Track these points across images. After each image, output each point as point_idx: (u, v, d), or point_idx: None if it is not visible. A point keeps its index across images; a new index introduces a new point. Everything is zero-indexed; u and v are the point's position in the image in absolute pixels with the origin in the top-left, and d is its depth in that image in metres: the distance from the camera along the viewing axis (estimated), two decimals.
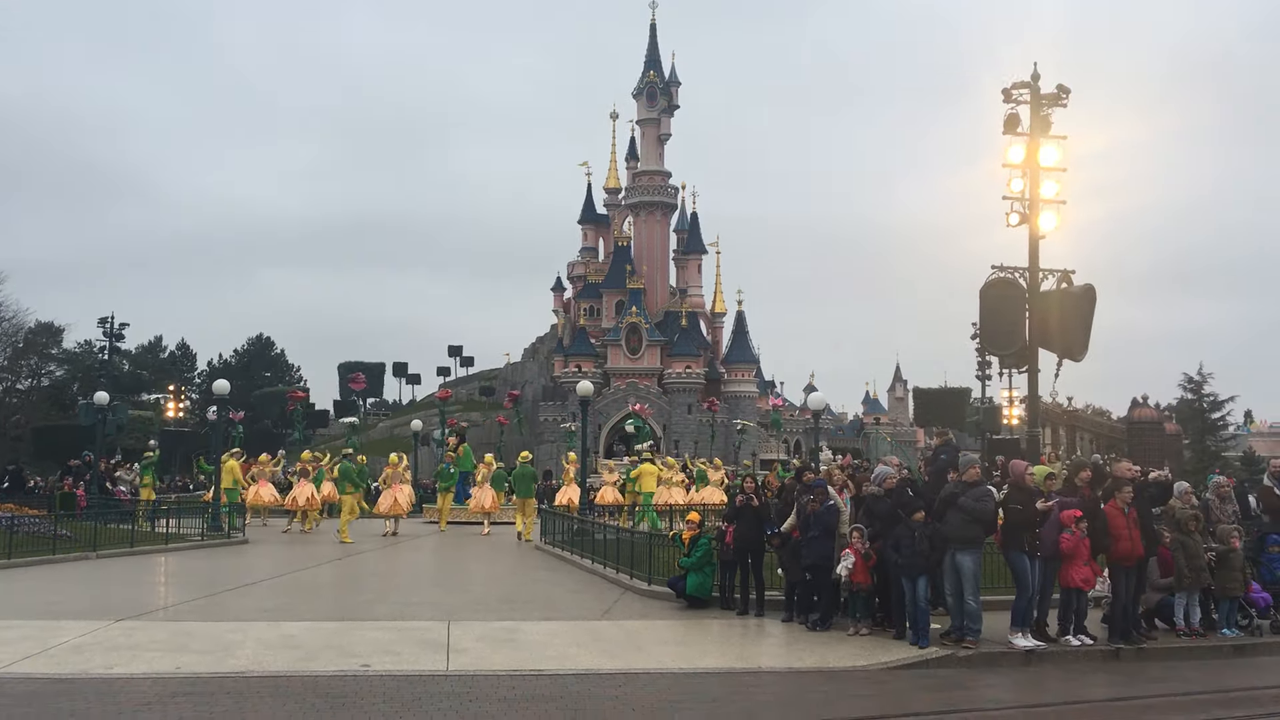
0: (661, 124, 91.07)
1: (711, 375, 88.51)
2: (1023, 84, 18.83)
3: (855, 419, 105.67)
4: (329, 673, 10.58)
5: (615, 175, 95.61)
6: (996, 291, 19.27)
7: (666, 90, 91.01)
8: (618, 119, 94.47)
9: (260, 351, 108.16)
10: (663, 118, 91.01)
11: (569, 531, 23.58)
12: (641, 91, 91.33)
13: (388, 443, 70.91)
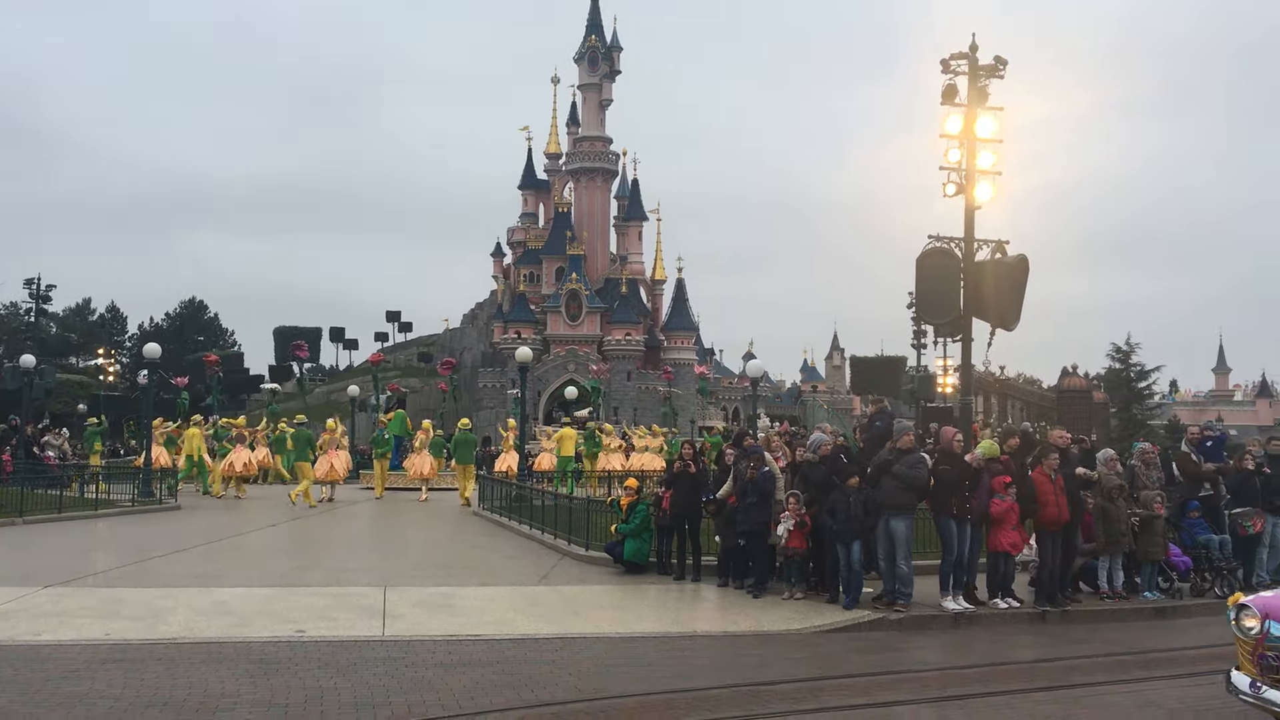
0: (603, 89, 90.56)
1: (651, 343, 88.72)
2: (961, 55, 18.97)
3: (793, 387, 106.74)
4: (262, 638, 10.50)
5: (556, 140, 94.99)
6: (932, 261, 19.46)
7: (608, 55, 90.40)
8: (559, 83, 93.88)
9: (193, 315, 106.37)
10: (604, 83, 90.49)
11: (507, 498, 23.56)
12: (583, 56, 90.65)
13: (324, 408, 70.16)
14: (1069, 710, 8.40)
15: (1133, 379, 62.61)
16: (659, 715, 7.90)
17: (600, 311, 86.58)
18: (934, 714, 8.14)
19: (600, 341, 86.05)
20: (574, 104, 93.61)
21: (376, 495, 29.30)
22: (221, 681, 8.71)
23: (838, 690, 8.94)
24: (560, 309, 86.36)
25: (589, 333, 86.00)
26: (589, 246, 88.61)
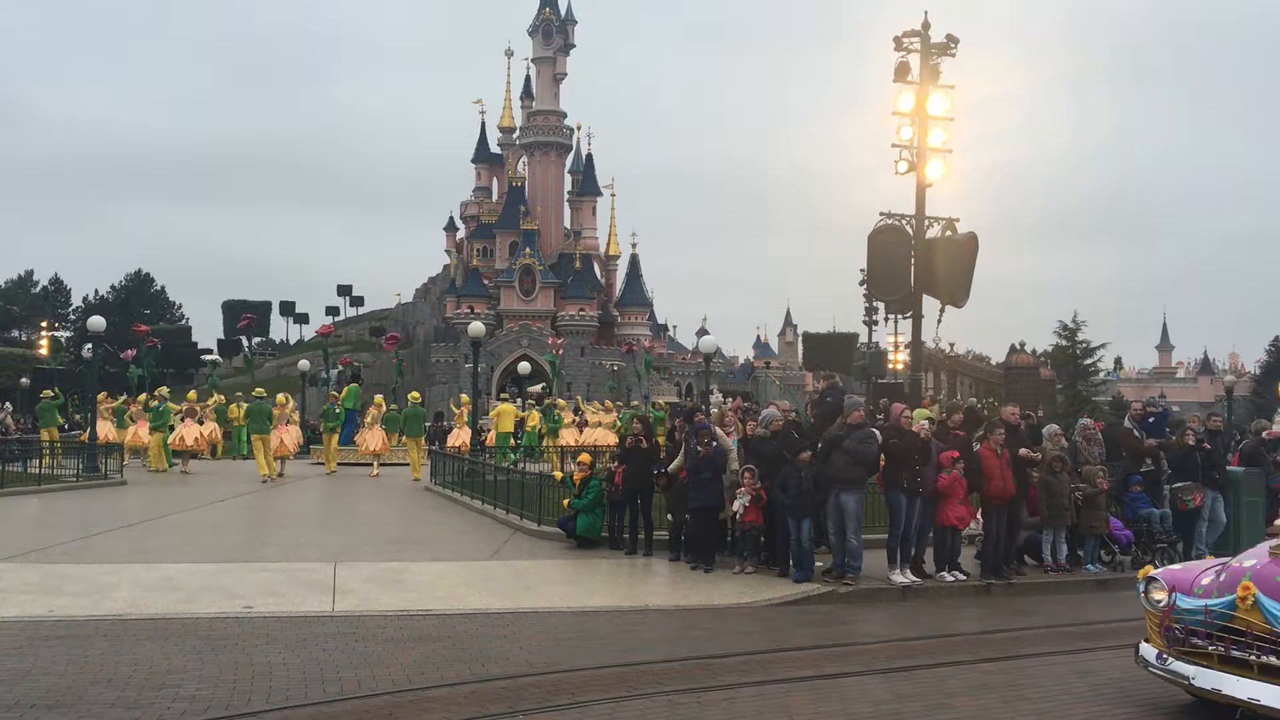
0: (557, 63, 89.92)
1: (605, 318, 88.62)
2: (913, 32, 19.09)
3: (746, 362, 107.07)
4: (210, 614, 10.41)
5: (510, 114, 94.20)
6: (884, 238, 19.64)
7: (563, 29, 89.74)
8: (513, 56, 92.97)
9: (139, 288, 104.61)
10: (559, 56, 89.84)
11: (459, 473, 23.50)
12: (537, 29, 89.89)
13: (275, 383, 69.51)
14: (1013, 680, 8.55)
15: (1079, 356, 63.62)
16: (610, 688, 7.94)
17: (554, 287, 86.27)
18: (881, 685, 8.24)
19: (554, 317, 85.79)
20: (528, 77, 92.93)
21: (328, 470, 29.06)
22: (168, 658, 8.63)
23: (786, 662, 9.03)
24: (514, 284, 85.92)
25: (543, 308, 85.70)
26: (543, 221, 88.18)
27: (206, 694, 7.61)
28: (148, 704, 7.32)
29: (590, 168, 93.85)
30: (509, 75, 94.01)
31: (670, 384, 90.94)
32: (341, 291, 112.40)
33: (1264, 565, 7.05)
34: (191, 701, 7.41)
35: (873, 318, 44.92)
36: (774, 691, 7.98)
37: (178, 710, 7.22)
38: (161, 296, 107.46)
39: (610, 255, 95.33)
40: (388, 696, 7.66)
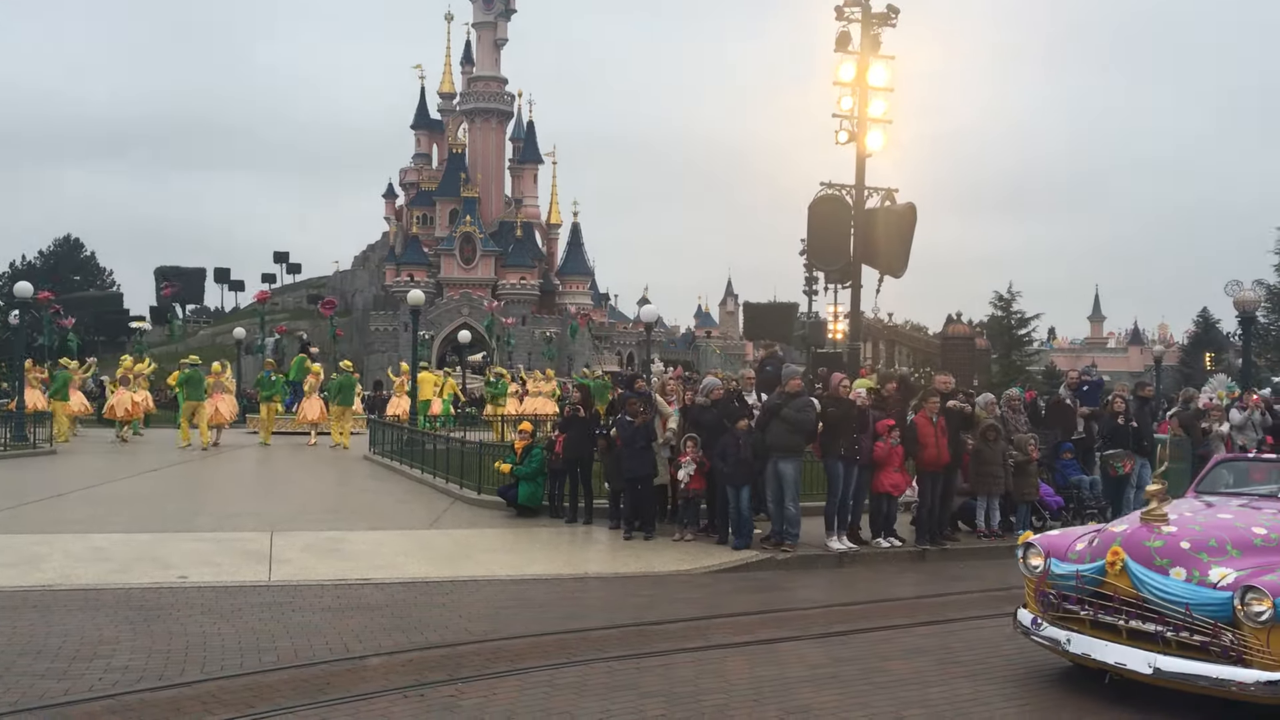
0: (498, 28, 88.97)
1: (546, 287, 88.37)
2: (854, 2, 19.12)
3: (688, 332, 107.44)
4: (143, 585, 10.26)
5: (450, 80, 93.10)
6: (824, 208, 19.76)
7: None
8: (453, 20, 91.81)
9: (69, 254, 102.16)
10: (499, 21, 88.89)
11: (399, 441, 23.35)
12: None
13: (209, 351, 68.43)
14: (945, 643, 8.71)
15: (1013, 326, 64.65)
16: (550, 655, 7.97)
17: (495, 255, 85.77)
18: (818, 649, 8.36)
19: (495, 285, 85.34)
20: (468, 42, 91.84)
21: (262, 441, 28.64)
22: (99, 628, 8.50)
23: (725, 628, 9.12)
24: (454, 252, 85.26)
25: (483, 276, 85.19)
26: (483, 189, 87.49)
27: (139, 664, 7.51)
28: (78, 675, 7.21)
29: (531, 135, 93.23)
30: (449, 40, 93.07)
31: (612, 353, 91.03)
32: (278, 259, 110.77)
33: (1134, 530, 7.11)
34: (124, 672, 7.31)
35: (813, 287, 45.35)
36: (712, 657, 8.06)
37: (110, 681, 7.12)
38: (92, 262, 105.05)
39: (551, 224, 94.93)
40: (325, 665, 7.61)
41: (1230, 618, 6.34)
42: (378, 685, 7.10)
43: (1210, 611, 6.44)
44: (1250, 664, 6.26)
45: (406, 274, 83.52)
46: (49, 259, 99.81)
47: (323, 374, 31.26)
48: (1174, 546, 6.80)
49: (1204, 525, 7.17)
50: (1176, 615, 6.55)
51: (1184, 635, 6.51)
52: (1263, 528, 7.09)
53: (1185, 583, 6.58)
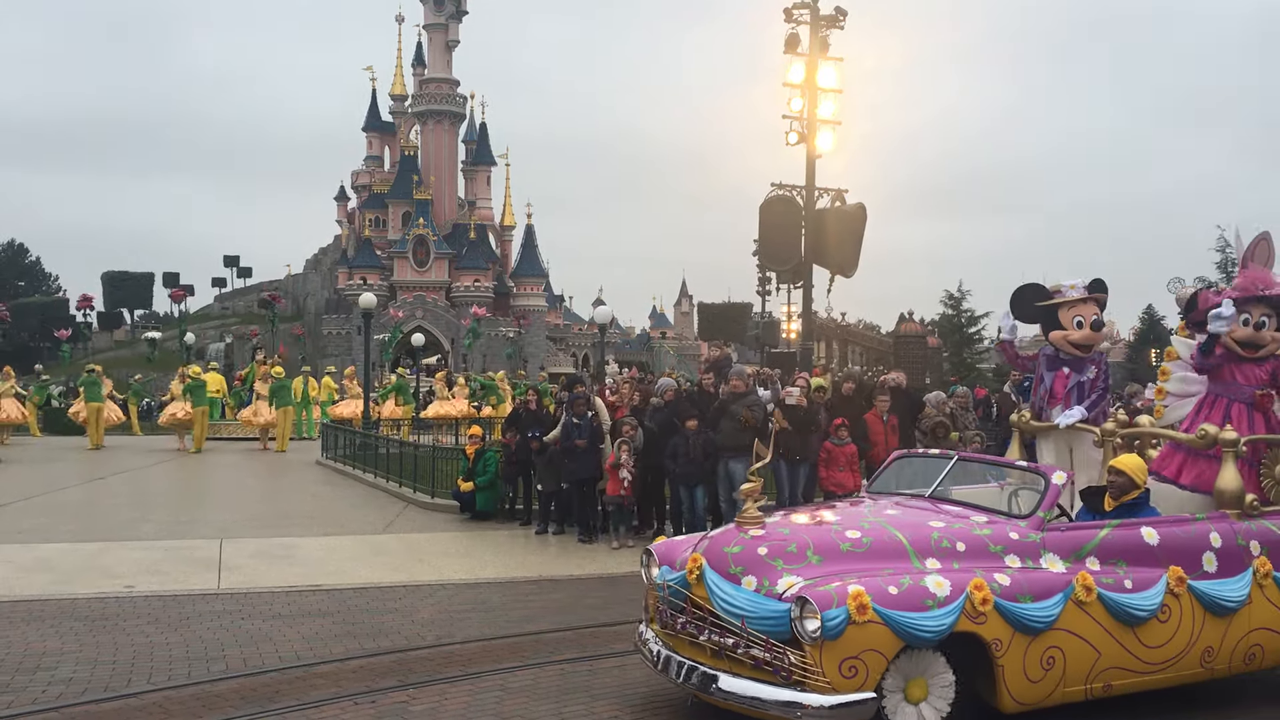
0: (450, 30, 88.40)
1: (501, 289, 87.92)
2: (803, 4, 19.26)
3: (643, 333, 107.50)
4: (88, 595, 10.10)
5: (402, 82, 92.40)
6: (775, 209, 19.88)
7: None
8: (404, 22, 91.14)
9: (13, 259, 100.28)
10: (451, 23, 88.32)
11: (351, 446, 23.16)
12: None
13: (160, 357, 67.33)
14: None
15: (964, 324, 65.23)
16: (502, 659, 7.95)
17: (448, 257, 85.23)
18: None
19: (449, 288, 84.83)
20: (420, 44, 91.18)
21: (194, 449, 27.80)
22: (44, 640, 8.36)
23: None
24: (407, 255, 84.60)
25: (437, 279, 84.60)
26: (436, 191, 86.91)
27: (84, 676, 7.41)
28: (21, 688, 7.10)
29: (484, 137, 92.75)
30: (400, 42, 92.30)
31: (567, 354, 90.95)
32: (229, 262, 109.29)
33: (720, 534, 6.55)
34: (68, 684, 7.21)
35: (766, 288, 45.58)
36: None
37: (54, 693, 7.01)
38: (37, 267, 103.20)
39: (505, 225, 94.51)
40: (274, 674, 7.55)
41: (789, 633, 5.69)
42: (328, 692, 7.05)
43: (768, 626, 5.77)
44: (808, 686, 5.57)
45: (359, 277, 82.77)
46: None
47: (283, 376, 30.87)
48: (751, 553, 6.13)
49: (794, 528, 6.45)
50: (735, 629, 5.90)
51: (757, 653, 5.80)
52: (859, 530, 6.29)
53: (754, 593, 5.93)
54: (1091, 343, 7.96)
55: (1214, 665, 6.69)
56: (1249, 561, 6.86)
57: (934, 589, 5.80)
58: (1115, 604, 6.26)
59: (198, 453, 26.86)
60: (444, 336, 79.30)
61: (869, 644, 5.59)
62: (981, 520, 6.54)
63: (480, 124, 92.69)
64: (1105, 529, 6.62)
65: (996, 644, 5.89)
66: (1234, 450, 7.15)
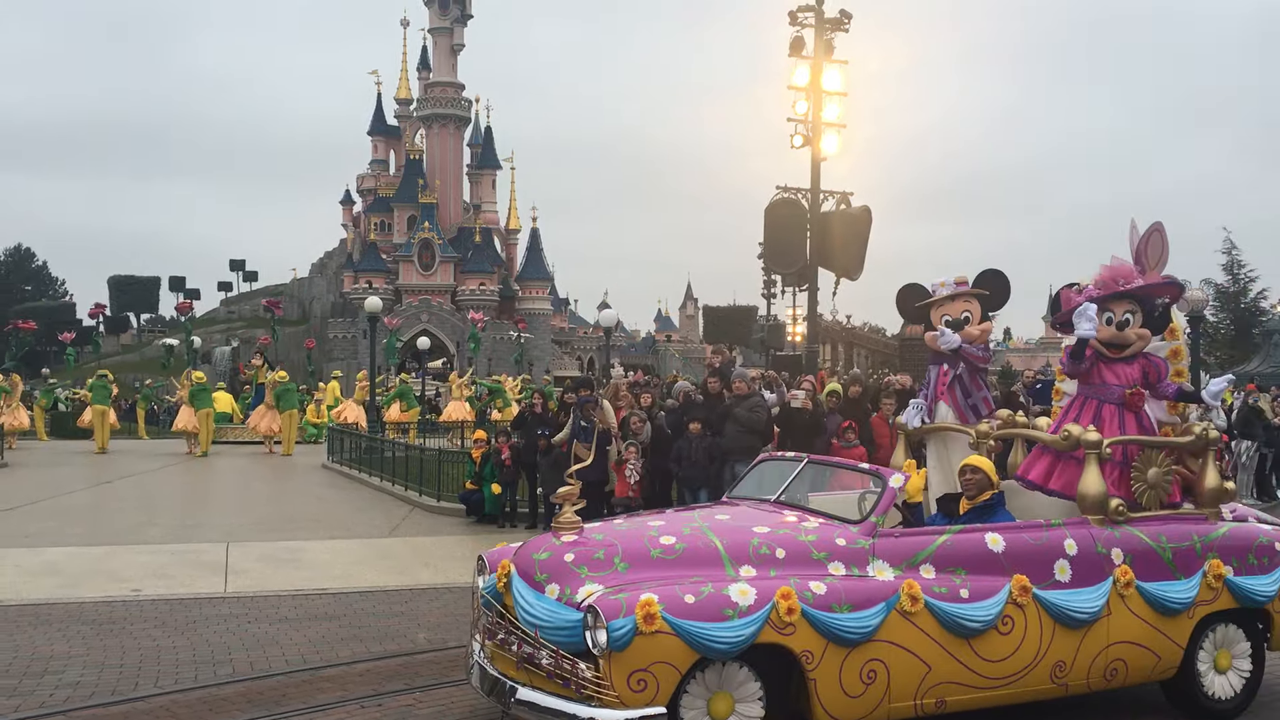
0: (455, 33, 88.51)
1: (506, 293, 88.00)
2: (808, 7, 19.25)
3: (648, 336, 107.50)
4: (95, 599, 10.12)
5: (407, 86, 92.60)
6: (780, 212, 19.86)
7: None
8: (409, 26, 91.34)
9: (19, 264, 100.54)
10: (456, 27, 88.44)
11: (357, 449, 23.19)
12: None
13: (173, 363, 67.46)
14: None
15: None
16: None
17: (454, 261, 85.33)
18: None
19: (454, 292, 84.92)
20: (425, 48, 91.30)
21: (200, 452, 27.83)
22: (51, 644, 8.38)
23: None
24: (413, 258, 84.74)
25: (442, 282, 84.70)
26: (442, 195, 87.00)
27: (91, 680, 7.43)
28: (29, 691, 7.11)
29: (489, 140, 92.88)
30: (405, 46, 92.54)
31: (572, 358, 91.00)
32: (235, 266, 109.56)
33: (533, 541, 6.32)
34: (75, 688, 7.23)
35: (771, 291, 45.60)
36: None
37: (61, 697, 7.03)
38: (44, 272, 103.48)
39: (510, 229, 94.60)
40: (281, 677, 7.56)
41: (581, 644, 5.39)
42: (335, 696, 7.06)
43: (562, 637, 5.48)
44: (601, 700, 5.27)
45: (365, 281, 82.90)
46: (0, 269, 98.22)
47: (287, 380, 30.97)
48: (558, 559, 5.87)
49: (610, 534, 6.20)
50: (530, 639, 5.63)
51: (550, 664, 5.49)
52: (674, 536, 5.99)
53: (555, 601, 5.62)
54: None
55: (1068, 681, 6.28)
56: (1109, 571, 6.43)
57: (737, 598, 5.44)
58: (945, 614, 5.87)
59: (204, 456, 26.97)
60: (449, 340, 79.38)
61: (659, 656, 5.27)
62: (812, 526, 6.19)
63: (485, 127, 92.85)
64: (944, 535, 6.23)
65: (807, 656, 5.52)
66: (1097, 452, 6.72)
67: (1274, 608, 6.98)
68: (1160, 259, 7.54)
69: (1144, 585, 6.49)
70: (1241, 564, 6.84)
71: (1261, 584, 6.87)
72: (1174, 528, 6.81)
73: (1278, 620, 7.02)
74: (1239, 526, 7.10)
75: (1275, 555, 7.01)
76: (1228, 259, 56.69)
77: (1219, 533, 6.92)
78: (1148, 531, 6.69)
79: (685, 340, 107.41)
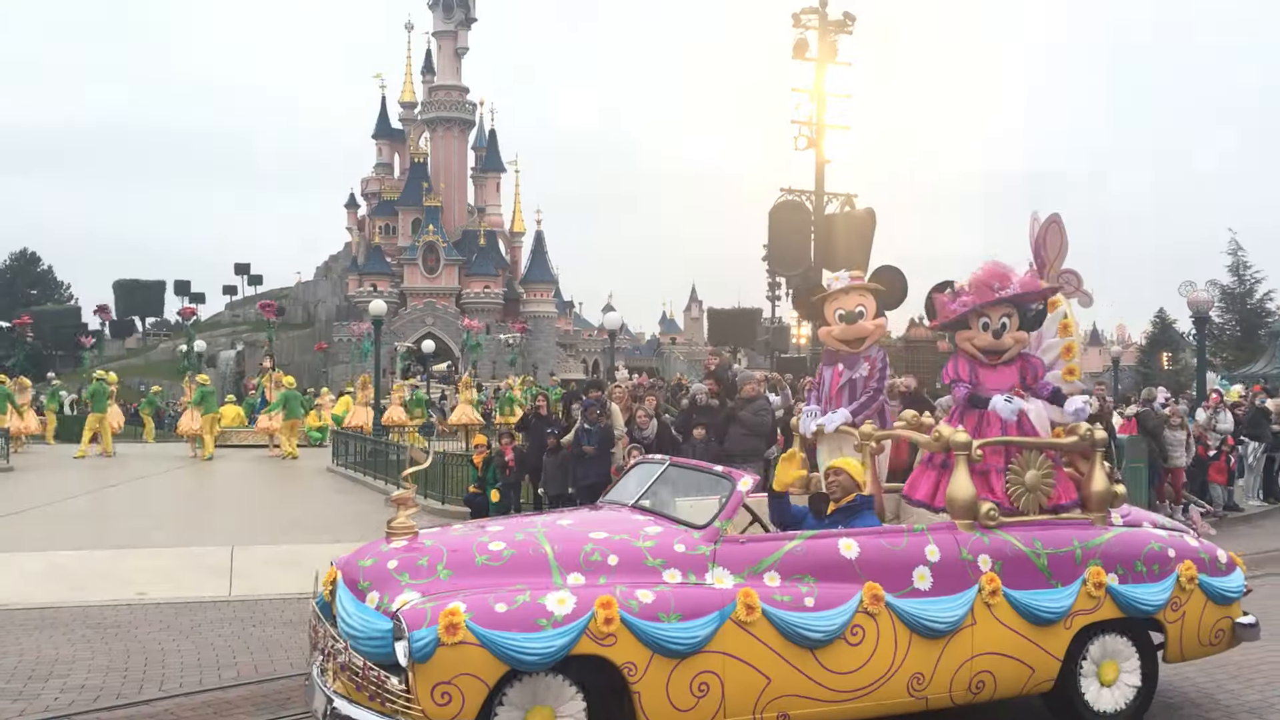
0: (459, 37, 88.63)
1: (510, 295, 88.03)
2: (811, 10, 19.26)
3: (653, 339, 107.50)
4: (101, 602, 10.13)
5: (411, 89, 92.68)
6: (784, 214, 19.87)
7: (464, 2, 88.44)
8: (413, 30, 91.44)
9: (25, 268, 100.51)
10: (460, 30, 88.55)
11: (362, 453, 23.20)
12: (438, 2, 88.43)
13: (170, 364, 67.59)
14: None
15: None
16: None
17: (458, 264, 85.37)
18: None
19: (459, 294, 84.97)
20: (429, 51, 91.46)
21: (204, 456, 27.86)
22: (56, 647, 8.39)
23: None
24: (417, 261, 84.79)
25: (447, 285, 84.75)
26: (446, 198, 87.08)
27: (96, 683, 7.44)
28: (34, 695, 7.12)
29: (493, 143, 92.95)
30: (409, 49, 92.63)
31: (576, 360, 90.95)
32: (239, 270, 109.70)
33: (364, 547, 6.11)
34: (80, 691, 7.24)
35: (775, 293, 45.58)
36: None
37: (66, 700, 7.04)
38: (49, 276, 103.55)
39: (515, 231, 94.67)
40: (286, 680, 7.57)
41: (393, 655, 5.19)
42: None
43: (373, 647, 5.27)
44: (409, 716, 5.05)
45: (369, 284, 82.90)
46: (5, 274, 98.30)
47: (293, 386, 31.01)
48: (381, 566, 5.64)
49: (442, 540, 5.97)
50: (340, 651, 5.46)
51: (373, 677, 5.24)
52: (504, 543, 5.76)
53: (373, 610, 5.39)
54: (850, 337, 7.49)
55: (927, 694, 5.98)
56: (974, 578, 6.11)
57: (553, 607, 5.21)
58: (785, 624, 5.59)
59: (210, 459, 27.00)
60: (454, 343, 79.40)
61: (464, 668, 5.04)
62: (654, 532, 5.93)
63: (490, 130, 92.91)
64: (794, 540, 5.95)
65: (630, 668, 5.28)
66: (967, 454, 6.41)
67: (1167, 618, 6.61)
68: (1060, 251, 7.38)
69: (1013, 593, 6.17)
70: (1128, 571, 6.49)
71: (1149, 593, 6.51)
72: (1052, 533, 6.46)
73: (1172, 631, 6.66)
74: (1128, 532, 6.74)
75: (1167, 563, 6.64)
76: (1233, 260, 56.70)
77: (1103, 539, 6.54)
78: (1022, 537, 6.35)
79: (690, 342, 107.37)
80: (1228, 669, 7.83)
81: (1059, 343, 7.21)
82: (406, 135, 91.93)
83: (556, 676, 5.28)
